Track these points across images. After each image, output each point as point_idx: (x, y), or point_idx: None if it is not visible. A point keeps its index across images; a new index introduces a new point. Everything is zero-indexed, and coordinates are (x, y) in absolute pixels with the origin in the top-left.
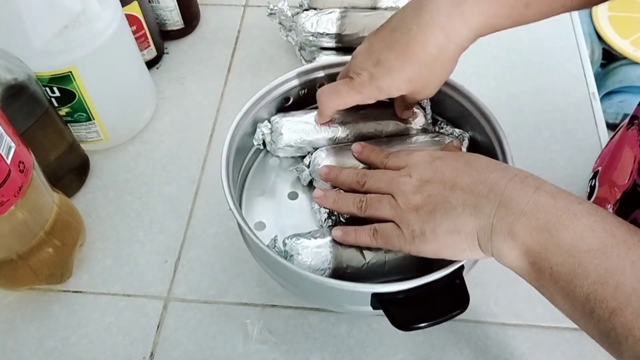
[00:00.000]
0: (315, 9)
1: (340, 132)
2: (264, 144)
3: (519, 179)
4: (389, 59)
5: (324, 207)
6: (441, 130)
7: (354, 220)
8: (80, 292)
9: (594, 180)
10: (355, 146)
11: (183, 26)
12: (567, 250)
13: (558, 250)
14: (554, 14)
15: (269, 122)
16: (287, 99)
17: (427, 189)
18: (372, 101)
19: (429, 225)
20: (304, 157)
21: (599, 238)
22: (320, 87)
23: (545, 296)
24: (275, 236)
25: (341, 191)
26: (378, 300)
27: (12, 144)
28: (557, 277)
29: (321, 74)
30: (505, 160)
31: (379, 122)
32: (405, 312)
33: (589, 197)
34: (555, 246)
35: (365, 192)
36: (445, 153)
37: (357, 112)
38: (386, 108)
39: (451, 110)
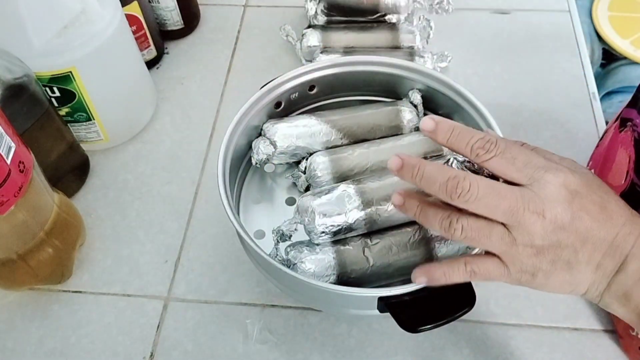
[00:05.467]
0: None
1: (334, 135)
2: (265, 161)
3: None
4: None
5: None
6: None
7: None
8: (80, 292)
9: None
10: (426, 123)
11: (183, 26)
12: None
13: None
14: None
15: (262, 133)
16: (279, 104)
17: (560, 236)
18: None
19: (544, 271)
20: (298, 162)
21: None
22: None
23: None
24: (277, 245)
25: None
26: (385, 304)
27: (12, 144)
28: None
29: (314, 75)
30: None
31: (372, 124)
32: (412, 314)
33: None
34: None
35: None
36: (581, 182)
37: (350, 114)
38: (379, 108)
39: (444, 106)
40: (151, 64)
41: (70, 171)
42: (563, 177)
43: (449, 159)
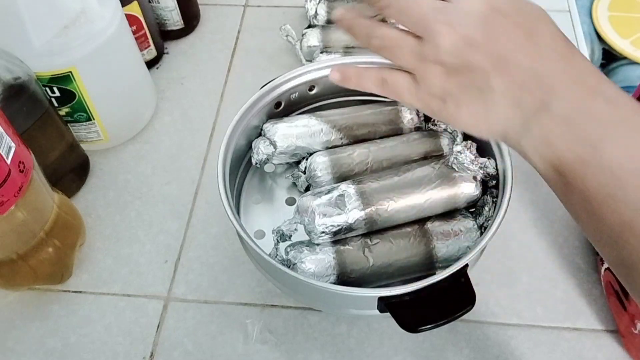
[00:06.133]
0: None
1: (333, 135)
2: (265, 161)
3: (578, 76)
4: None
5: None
6: (434, 127)
7: None
8: (80, 292)
9: None
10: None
11: (183, 26)
12: (609, 169)
13: (599, 168)
14: None
15: (262, 133)
16: (279, 104)
17: (470, 56)
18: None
19: (453, 98)
20: (298, 162)
21: None
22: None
23: (568, 210)
24: (277, 245)
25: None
26: (385, 304)
27: (12, 144)
28: (590, 197)
29: (314, 75)
30: (501, 154)
31: (372, 124)
32: (413, 314)
33: None
34: (597, 163)
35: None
36: (512, 3)
37: (350, 114)
38: (379, 108)
39: None
40: (151, 64)
41: (70, 171)
42: None
43: (449, 159)
